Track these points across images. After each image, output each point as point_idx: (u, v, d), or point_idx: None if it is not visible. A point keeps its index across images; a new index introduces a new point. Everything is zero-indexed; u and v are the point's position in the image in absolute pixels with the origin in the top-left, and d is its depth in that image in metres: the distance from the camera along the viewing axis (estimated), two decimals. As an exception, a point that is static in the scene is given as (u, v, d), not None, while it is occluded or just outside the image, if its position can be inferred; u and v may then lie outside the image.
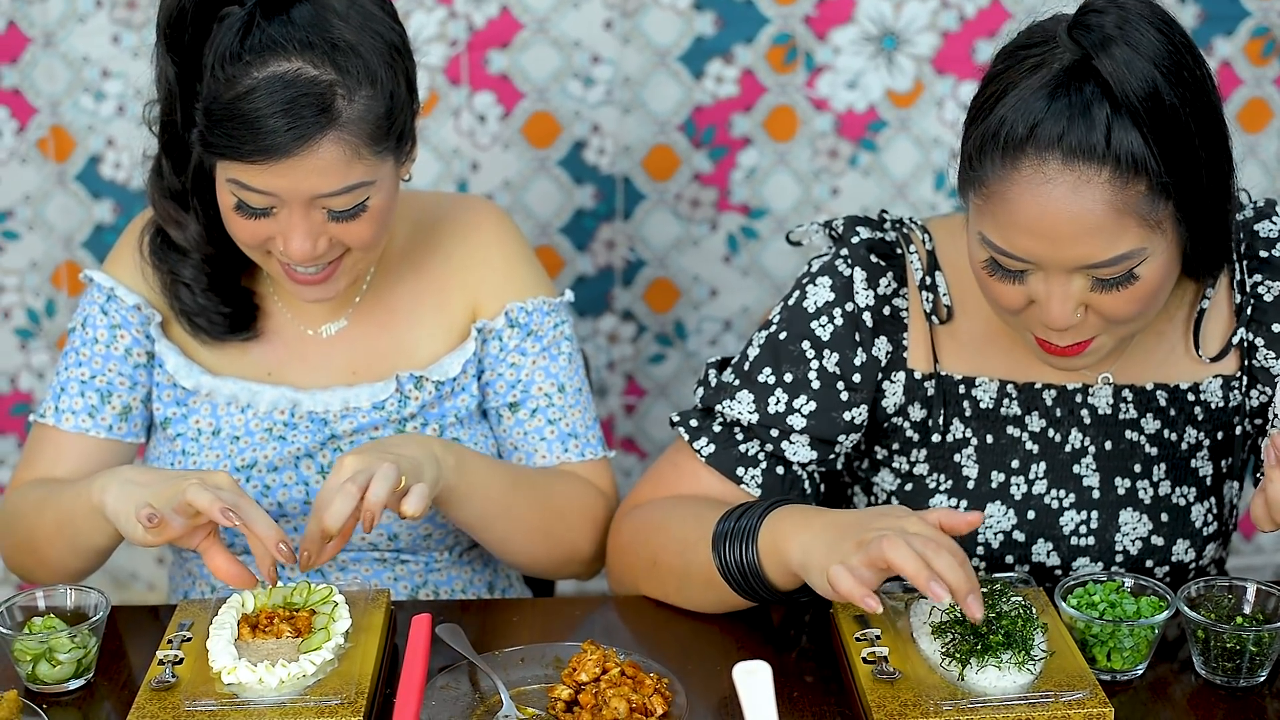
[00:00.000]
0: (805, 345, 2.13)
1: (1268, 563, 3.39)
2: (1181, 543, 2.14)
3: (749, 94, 3.03)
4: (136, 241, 2.26)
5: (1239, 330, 2.12)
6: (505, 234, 2.31)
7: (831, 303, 2.13)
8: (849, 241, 2.15)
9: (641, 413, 3.23)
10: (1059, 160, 1.83)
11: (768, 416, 2.13)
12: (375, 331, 2.26)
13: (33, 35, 2.95)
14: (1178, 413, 2.13)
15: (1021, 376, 2.13)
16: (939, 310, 2.13)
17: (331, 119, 1.96)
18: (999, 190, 1.87)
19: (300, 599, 1.93)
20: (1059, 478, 2.13)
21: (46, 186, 3.04)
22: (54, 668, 1.89)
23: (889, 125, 3.07)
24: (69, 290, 3.10)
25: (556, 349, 2.29)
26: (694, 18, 2.98)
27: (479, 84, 3.01)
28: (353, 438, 2.23)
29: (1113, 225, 1.84)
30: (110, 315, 2.25)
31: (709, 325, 3.17)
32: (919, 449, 2.16)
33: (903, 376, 2.14)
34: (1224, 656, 1.89)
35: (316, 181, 1.99)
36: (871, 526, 1.84)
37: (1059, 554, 2.13)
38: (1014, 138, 1.85)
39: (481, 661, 1.90)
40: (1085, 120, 1.82)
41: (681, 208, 3.10)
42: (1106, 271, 1.88)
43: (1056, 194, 1.83)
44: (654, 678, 1.83)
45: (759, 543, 1.95)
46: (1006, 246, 1.89)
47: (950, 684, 1.82)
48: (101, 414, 2.25)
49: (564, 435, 2.29)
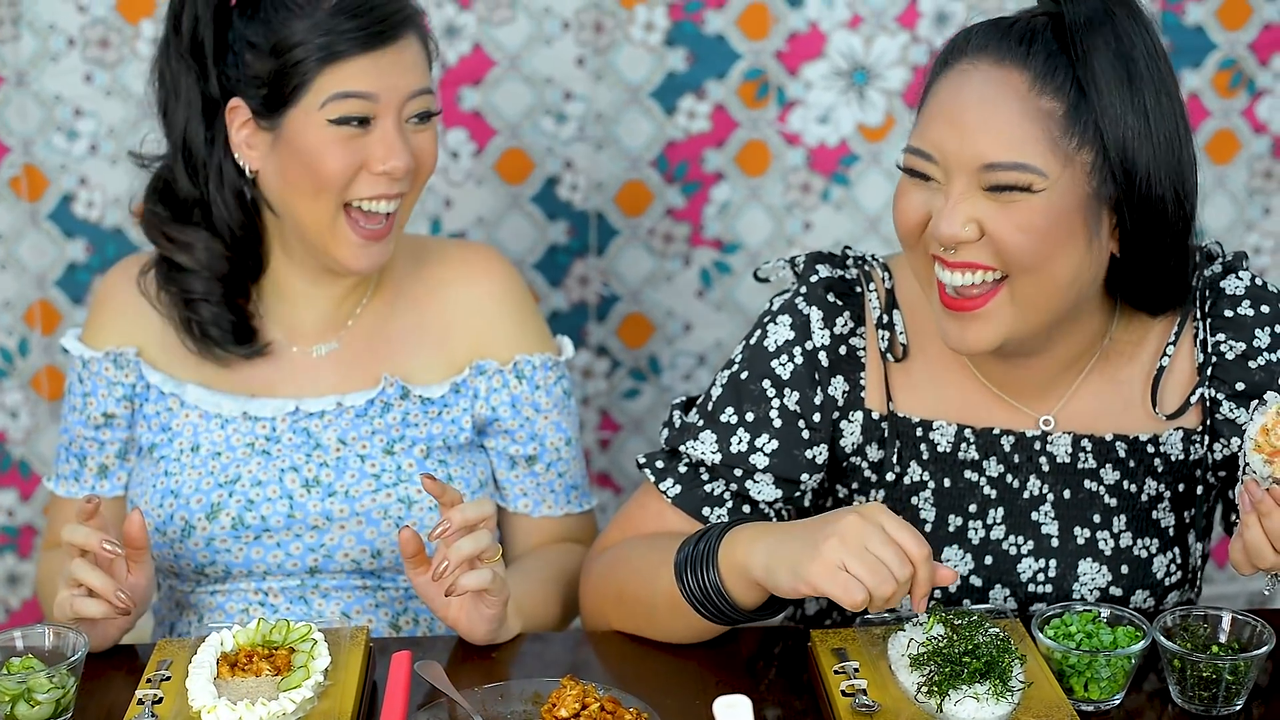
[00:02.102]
0: (766, 384, 2.14)
1: (1241, 590, 3.40)
2: (1141, 592, 2.14)
3: (721, 129, 3.05)
4: (107, 290, 2.37)
5: (1199, 389, 2.12)
6: (514, 285, 2.39)
7: (791, 341, 2.14)
8: (808, 280, 2.17)
9: (616, 448, 3.23)
10: (989, 61, 1.94)
11: (730, 456, 2.14)
12: (367, 356, 2.30)
13: (5, 74, 2.95)
14: (1137, 464, 2.13)
15: (979, 422, 2.14)
16: (894, 348, 2.14)
17: (415, 11, 2.21)
18: (930, 92, 1.99)
19: (279, 637, 1.93)
20: (1017, 523, 2.13)
21: (19, 225, 3.04)
22: (32, 708, 1.88)
23: (861, 159, 3.08)
24: (42, 329, 3.09)
25: (565, 406, 2.37)
26: (666, 54, 3.00)
27: (452, 121, 3.02)
28: (339, 450, 2.25)
29: (1022, 129, 1.92)
30: (84, 383, 2.35)
31: (683, 360, 3.18)
32: (877, 490, 2.16)
33: (860, 416, 2.15)
34: (1200, 685, 1.90)
35: (410, 77, 2.18)
36: (846, 519, 1.85)
37: (1016, 599, 2.14)
38: (958, 45, 1.98)
39: (461, 698, 1.90)
40: (1025, 34, 1.94)
41: (654, 243, 3.11)
42: (1001, 176, 1.92)
43: (975, 81, 1.94)
44: (634, 713, 1.83)
45: (719, 561, 1.95)
46: (918, 143, 1.97)
47: (929, 715, 1.82)
48: (82, 476, 2.36)
49: (568, 487, 2.40)
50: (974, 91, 1.93)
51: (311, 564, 2.25)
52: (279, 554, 2.25)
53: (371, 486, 2.24)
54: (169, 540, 2.25)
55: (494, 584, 1.99)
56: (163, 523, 2.25)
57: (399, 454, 2.27)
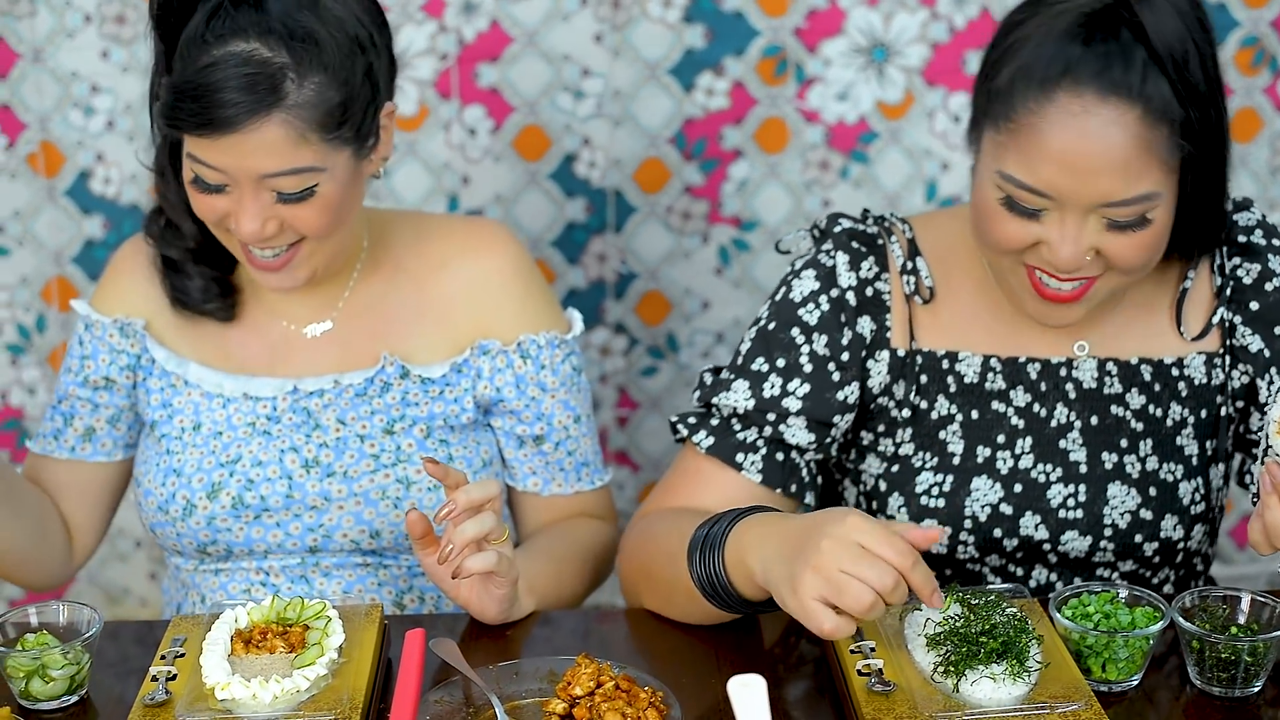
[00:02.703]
0: (794, 331, 2.16)
1: (1261, 571, 3.39)
2: (1170, 518, 2.16)
3: (739, 106, 3.03)
4: (120, 260, 2.35)
5: (1219, 310, 2.16)
6: (520, 262, 2.35)
7: (817, 291, 2.16)
8: (831, 232, 2.19)
9: (634, 425, 3.23)
10: (1094, 95, 1.89)
11: (763, 402, 2.14)
12: (364, 335, 2.29)
13: (21, 51, 2.95)
14: (1162, 388, 2.16)
15: (1005, 351, 2.15)
16: (921, 291, 2.17)
17: (279, 99, 2.02)
18: (1030, 123, 1.92)
19: (294, 614, 1.93)
20: (1045, 452, 2.15)
21: (36, 202, 3.04)
22: (47, 684, 1.89)
23: (880, 137, 3.07)
24: (60, 306, 3.09)
25: (573, 383, 2.34)
26: (684, 30, 2.98)
27: (469, 98, 3.01)
28: (338, 431, 2.24)
29: (1138, 163, 1.90)
30: (84, 345, 2.33)
31: (701, 338, 3.17)
32: (904, 429, 2.17)
33: (886, 355, 2.16)
34: (1219, 667, 1.89)
35: (262, 160, 2.04)
36: (820, 546, 1.79)
37: (1047, 527, 2.14)
38: (1052, 72, 1.91)
39: (475, 675, 1.90)
40: (1123, 60, 1.89)
41: (673, 220, 3.10)
42: (1123, 212, 1.93)
43: (1090, 126, 1.89)
44: (649, 691, 1.83)
45: (725, 553, 1.93)
46: (1030, 180, 1.93)
47: (945, 696, 1.81)
48: (64, 436, 2.33)
49: (578, 465, 2.38)
50: (1091, 139, 1.89)
51: (311, 544, 2.25)
52: (279, 534, 2.25)
53: (370, 467, 2.24)
54: (171, 519, 2.25)
55: (501, 565, 1.98)
56: (165, 501, 2.25)
57: (399, 434, 2.26)
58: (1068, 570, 2.17)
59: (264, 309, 2.30)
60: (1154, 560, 2.17)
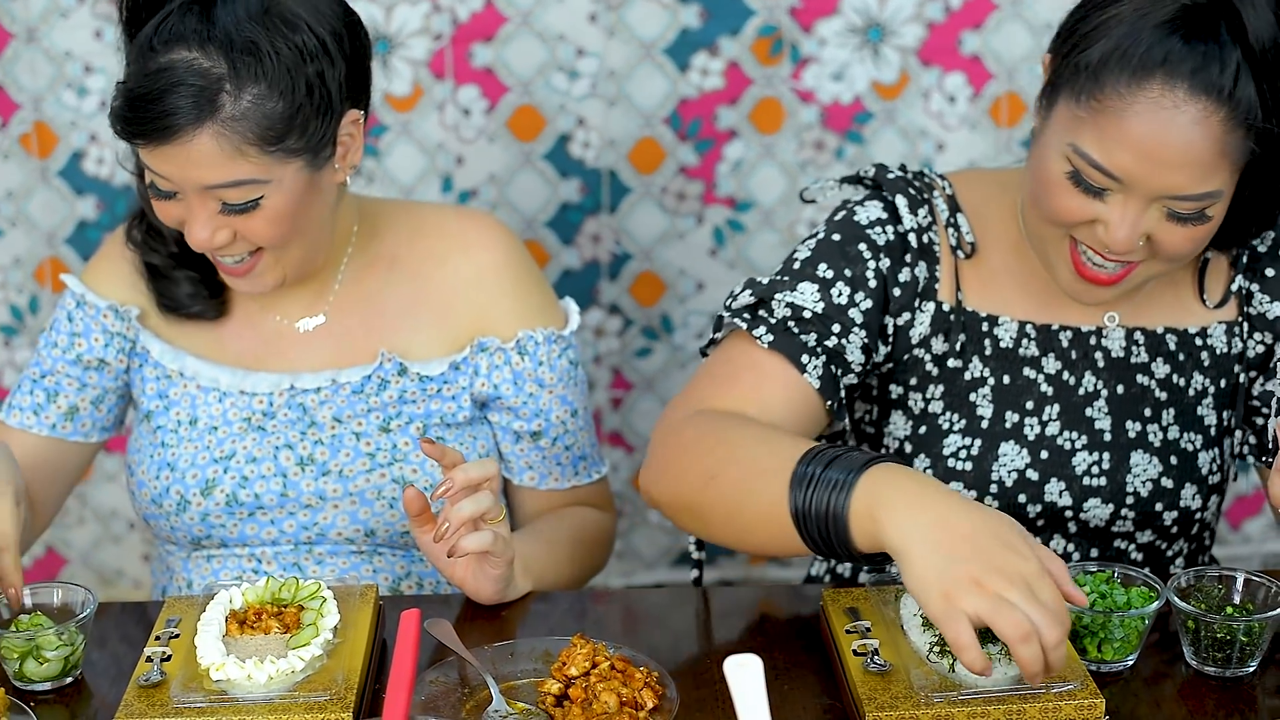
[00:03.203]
0: (862, 247, 2.13)
1: (1254, 552, 3.39)
2: (1190, 487, 2.17)
3: (734, 86, 3.03)
4: (116, 246, 2.32)
5: (1236, 278, 2.18)
6: (517, 257, 2.32)
7: (885, 220, 2.15)
8: (884, 178, 2.18)
9: (628, 407, 3.23)
10: (1186, 91, 1.89)
11: (832, 307, 2.10)
12: (359, 329, 2.26)
13: (15, 31, 2.94)
14: (1186, 357, 2.17)
15: (1039, 317, 2.16)
16: (963, 245, 2.16)
17: (213, 110, 2.00)
18: (1117, 106, 1.91)
19: (288, 595, 1.92)
20: (1072, 419, 2.15)
21: (29, 183, 3.03)
22: (41, 665, 1.88)
23: (875, 117, 3.06)
24: (52, 287, 3.09)
25: (570, 378, 2.33)
26: (679, 10, 2.98)
27: (463, 78, 3.00)
28: (334, 428, 2.23)
29: (1212, 163, 1.91)
30: (74, 322, 2.29)
31: (695, 319, 3.17)
32: (935, 384, 2.16)
33: (932, 307, 2.15)
34: (1214, 647, 1.89)
35: (200, 172, 2.03)
36: (993, 567, 1.70)
37: (1071, 494, 2.15)
38: (1149, 62, 1.90)
39: (471, 656, 1.90)
40: (1219, 60, 1.89)
41: (667, 201, 3.09)
42: (1186, 205, 1.94)
43: (1178, 121, 1.89)
44: (644, 671, 1.83)
45: (854, 500, 1.79)
46: (1104, 161, 1.93)
47: (941, 676, 1.81)
48: (46, 412, 2.29)
49: (575, 459, 2.36)
50: (1176, 133, 1.89)
51: (305, 540, 2.25)
52: (273, 530, 2.24)
53: (366, 466, 2.23)
54: (165, 513, 2.24)
55: (496, 545, 1.98)
56: (159, 495, 2.23)
57: (395, 432, 2.24)
58: (1085, 541, 2.18)
59: (256, 303, 2.28)
60: (1171, 530, 2.18)
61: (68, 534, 3.28)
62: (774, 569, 3.40)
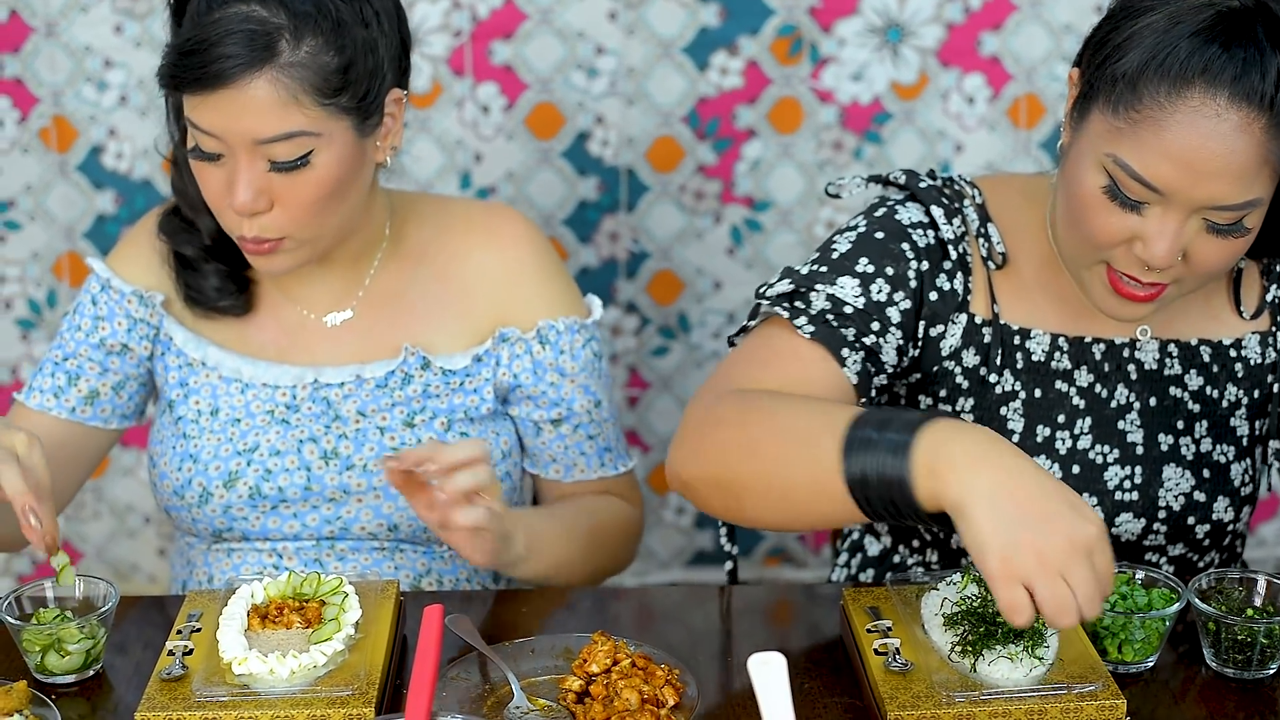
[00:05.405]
0: (905, 247, 2.10)
1: (1269, 555, 3.39)
2: (1222, 500, 2.16)
3: (753, 86, 3.03)
4: (143, 234, 2.31)
5: (1270, 288, 2.17)
6: (540, 249, 2.32)
7: (925, 224, 2.12)
8: (916, 185, 2.15)
9: (645, 405, 3.23)
10: (1227, 100, 1.86)
11: (872, 304, 2.07)
12: (385, 325, 2.26)
13: (35, 25, 2.94)
14: (1220, 369, 2.16)
15: (1072, 330, 2.14)
16: (994, 257, 2.14)
17: (271, 56, 2.01)
18: (1155, 116, 1.88)
19: (310, 589, 1.93)
20: (1104, 433, 2.14)
21: (48, 177, 3.03)
22: (63, 658, 1.89)
23: (894, 117, 3.06)
24: (70, 281, 3.09)
25: (594, 369, 2.31)
26: (698, 9, 2.98)
27: (483, 75, 3.00)
28: (358, 423, 2.23)
29: (1254, 171, 1.88)
30: (99, 306, 2.29)
31: (712, 318, 3.17)
32: (966, 398, 2.15)
33: (964, 319, 2.13)
34: (1235, 649, 1.89)
35: (253, 121, 2.02)
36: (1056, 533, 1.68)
37: (1103, 509, 2.13)
38: (1189, 70, 1.87)
39: (492, 652, 1.90)
40: (1259, 67, 1.86)
41: (685, 200, 3.10)
42: (1226, 216, 1.91)
43: (1220, 130, 1.86)
44: (665, 669, 1.83)
45: (916, 454, 1.74)
46: (1144, 172, 1.90)
47: (963, 675, 1.81)
48: (66, 395, 2.27)
49: (600, 450, 2.34)
50: (1218, 142, 1.86)
51: (328, 534, 2.24)
52: (295, 524, 2.24)
53: None
54: (187, 504, 2.24)
55: (490, 520, 1.96)
56: (180, 486, 2.23)
57: (419, 426, 2.24)
58: (1117, 555, 2.15)
59: (283, 295, 2.28)
60: (1203, 543, 2.17)
61: (83, 528, 3.29)
62: (788, 570, 3.40)
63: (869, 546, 2.33)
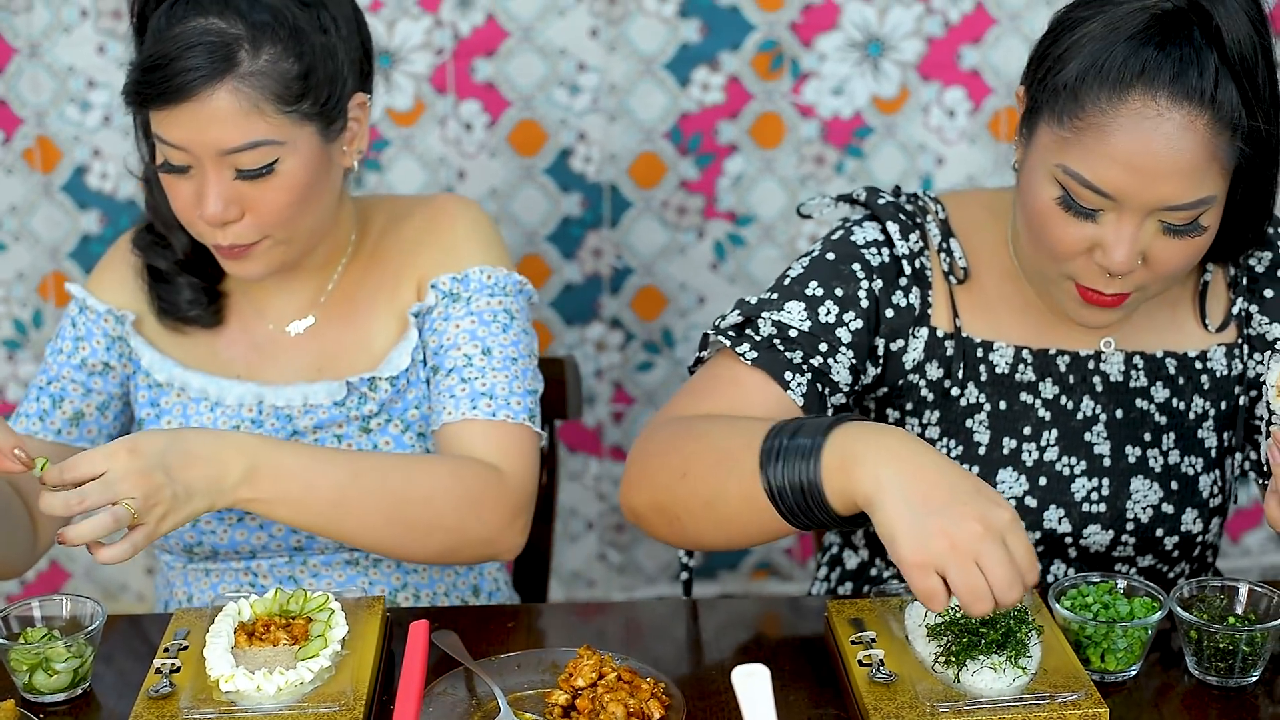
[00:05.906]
0: (856, 267, 2.12)
1: (1254, 565, 3.40)
2: (1190, 512, 2.16)
3: (735, 101, 3.04)
4: (118, 253, 2.33)
5: (1236, 301, 2.17)
6: (461, 216, 2.30)
7: (881, 242, 2.14)
8: (875, 203, 2.17)
9: (630, 420, 3.23)
10: (1168, 99, 1.88)
11: (819, 325, 2.08)
12: (340, 328, 2.27)
13: (18, 46, 2.95)
14: (1186, 381, 2.16)
15: (1035, 342, 2.15)
16: (955, 271, 2.15)
17: (231, 66, 2.02)
18: (1099, 122, 1.90)
19: (297, 606, 1.93)
20: (1070, 445, 2.15)
21: (32, 197, 3.04)
22: (50, 677, 1.89)
23: (875, 131, 3.07)
24: (56, 301, 3.10)
25: (490, 315, 2.24)
26: (679, 25, 2.99)
27: (465, 92, 3.01)
28: (316, 435, 2.23)
29: (1202, 168, 1.90)
30: (78, 327, 2.30)
31: (696, 333, 3.18)
32: (932, 410, 2.16)
33: (925, 333, 2.14)
34: (1217, 657, 1.90)
35: (217, 132, 2.03)
36: (967, 517, 1.71)
37: (1070, 520, 2.14)
38: (1126, 74, 1.89)
39: (478, 667, 1.90)
40: (1196, 65, 1.88)
41: (668, 215, 3.11)
42: (1180, 216, 1.92)
43: (1163, 130, 1.88)
44: (651, 682, 1.83)
45: (825, 456, 1.79)
46: (1093, 179, 1.92)
47: (946, 686, 1.82)
48: (51, 418, 2.28)
49: (475, 394, 2.19)
50: (1163, 143, 1.88)
51: (295, 544, 2.25)
52: (263, 535, 2.24)
53: None
54: None
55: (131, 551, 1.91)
56: None
57: (375, 431, 2.25)
58: (1085, 566, 2.17)
59: (252, 309, 2.29)
60: (1173, 554, 2.18)
61: (71, 548, 3.28)
62: (774, 584, 3.41)
63: (847, 560, 2.34)
